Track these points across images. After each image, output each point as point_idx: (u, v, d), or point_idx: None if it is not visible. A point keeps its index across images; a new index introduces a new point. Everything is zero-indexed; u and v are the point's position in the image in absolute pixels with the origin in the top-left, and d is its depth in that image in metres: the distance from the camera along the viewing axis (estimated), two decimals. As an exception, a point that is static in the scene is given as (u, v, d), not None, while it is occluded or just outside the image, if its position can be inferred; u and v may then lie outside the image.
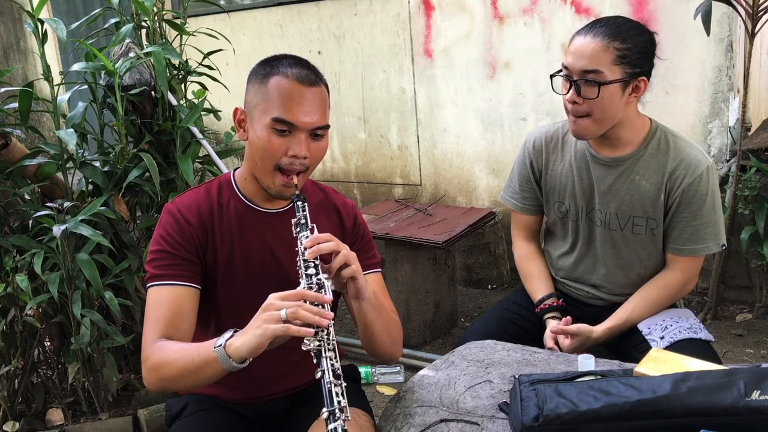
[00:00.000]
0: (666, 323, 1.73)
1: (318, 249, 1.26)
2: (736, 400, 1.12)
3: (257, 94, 1.36)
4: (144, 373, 1.34)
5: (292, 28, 4.32)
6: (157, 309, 1.35)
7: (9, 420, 2.46)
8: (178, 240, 1.39)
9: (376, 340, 1.44)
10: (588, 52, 1.60)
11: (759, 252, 2.98)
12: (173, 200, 1.46)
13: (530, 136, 1.91)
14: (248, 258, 1.44)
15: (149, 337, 1.33)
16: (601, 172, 1.76)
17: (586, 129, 1.67)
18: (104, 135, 2.58)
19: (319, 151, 1.38)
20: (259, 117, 1.35)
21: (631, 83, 1.63)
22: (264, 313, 1.18)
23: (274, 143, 1.33)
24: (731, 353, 2.86)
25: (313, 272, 1.26)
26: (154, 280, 1.38)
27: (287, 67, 1.35)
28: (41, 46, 2.30)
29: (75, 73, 2.52)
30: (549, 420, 1.16)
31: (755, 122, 3.24)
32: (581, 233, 1.84)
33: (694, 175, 1.68)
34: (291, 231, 1.39)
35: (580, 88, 1.62)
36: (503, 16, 3.52)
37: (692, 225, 1.71)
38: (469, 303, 3.63)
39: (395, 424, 1.35)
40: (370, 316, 1.39)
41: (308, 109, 1.33)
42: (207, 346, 1.22)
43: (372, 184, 4.24)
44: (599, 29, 1.62)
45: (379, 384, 2.82)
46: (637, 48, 1.61)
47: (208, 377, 1.24)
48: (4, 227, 2.42)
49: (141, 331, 2.47)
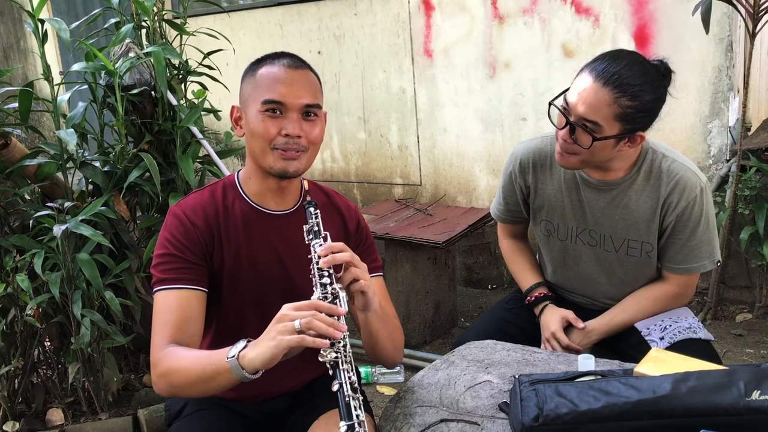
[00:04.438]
0: (665, 323, 1.73)
1: (333, 259, 1.26)
2: (736, 400, 1.12)
3: (248, 86, 1.40)
4: (154, 378, 1.32)
5: (292, 28, 4.32)
6: (165, 313, 1.34)
7: (9, 420, 2.46)
8: (184, 243, 1.38)
9: (380, 347, 1.44)
10: (592, 102, 1.53)
11: (759, 252, 2.98)
12: (177, 203, 1.46)
13: (517, 153, 1.84)
14: (254, 260, 1.44)
15: (158, 342, 1.32)
16: (593, 194, 1.73)
17: (572, 164, 1.65)
18: (104, 135, 2.58)
19: (313, 133, 1.38)
20: (251, 106, 1.37)
21: (628, 137, 1.58)
22: (278, 324, 1.16)
23: (267, 124, 1.35)
24: (731, 353, 2.86)
25: (328, 282, 1.25)
26: (161, 284, 1.36)
27: (275, 58, 1.40)
28: (41, 46, 2.30)
29: (75, 73, 2.52)
30: (549, 420, 1.16)
31: (755, 122, 3.24)
32: (569, 253, 1.82)
33: (688, 199, 1.63)
34: (296, 233, 1.39)
35: (575, 131, 1.57)
36: (503, 16, 3.52)
37: (687, 246, 1.68)
38: (469, 303, 3.63)
39: (395, 424, 1.35)
40: (375, 326, 1.39)
41: (296, 89, 1.35)
42: (219, 356, 1.21)
43: (372, 184, 4.24)
44: (611, 78, 1.51)
45: (379, 384, 2.82)
46: (645, 108, 1.54)
47: (220, 386, 1.23)
48: (4, 227, 2.42)
49: (141, 331, 2.51)
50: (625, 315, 1.77)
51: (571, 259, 1.83)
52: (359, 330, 1.43)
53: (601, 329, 1.78)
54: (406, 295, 3.09)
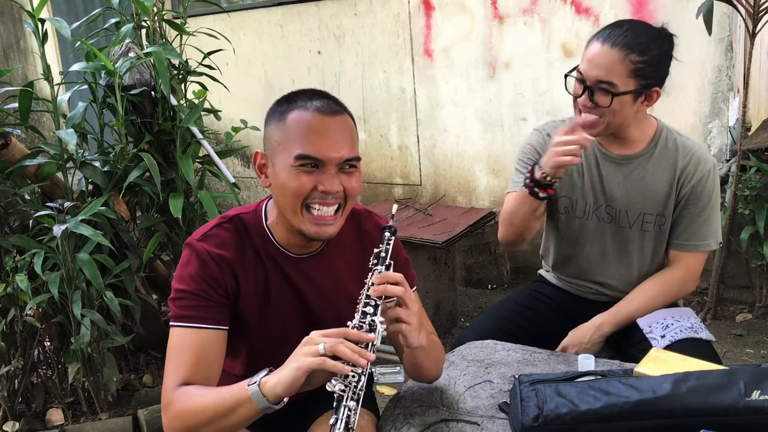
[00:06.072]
0: (667, 321, 1.74)
1: (384, 289, 1.18)
2: (736, 400, 1.13)
3: (276, 132, 1.26)
4: (166, 421, 1.23)
5: (292, 28, 4.32)
6: (181, 353, 1.26)
7: (9, 420, 2.46)
8: (206, 281, 1.28)
9: (424, 373, 1.41)
10: (604, 63, 1.61)
11: (759, 252, 2.98)
12: (200, 237, 1.33)
13: (536, 131, 1.90)
14: (282, 306, 1.37)
15: (171, 382, 1.24)
16: (611, 169, 1.79)
17: (596, 131, 1.70)
18: (104, 135, 2.58)
19: (353, 188, 1.26)
20: (281, 157, 1.24)
21: (644, 93, 1.66)
22: (303, 347, 1.12)
23: (301, 180, 1.22)
24: (731, 353, 2.86)
25: (371, 311, 1.18)
26: (179, 320, 1.27)
27: (306, 100, 1.26)
28: (41, 46, 2.30)
29: (75, 73, 2.52)
30: (549, 420, 1.16)
31: (755, 122, 3.24)
32: (588, 229, 1.85)
33: (703, 171, 1.73)
34: (318, 273, 1.36)
35: (594, 94, 1.64)
36: (503, 16, 3.52)
37: (697, 221, 1.75)
38: (469, 303, 3.63)
39: (395, 424, 1.35)
40: (420, 359, 1.34)
41: (335, 141, 1.22)
42: (239, 387, 1.14)
43: (372, 184, 4.24)
44: (618, 39, 1.61)
45: (379, 384, 2.82)
46: (653, 61, 1.62)
47: (240, 421, 1.15)
48: (4, 227, 2.42)
49: (141, 331, 2.51)
50: (631, 306, 1.79)
51: (584, 238, 1.86)
52: (398, 353, 1.38)
53: (610, 320, 1.79)
54: (406, 295, 3.09)
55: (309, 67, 4.32)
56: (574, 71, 1.70)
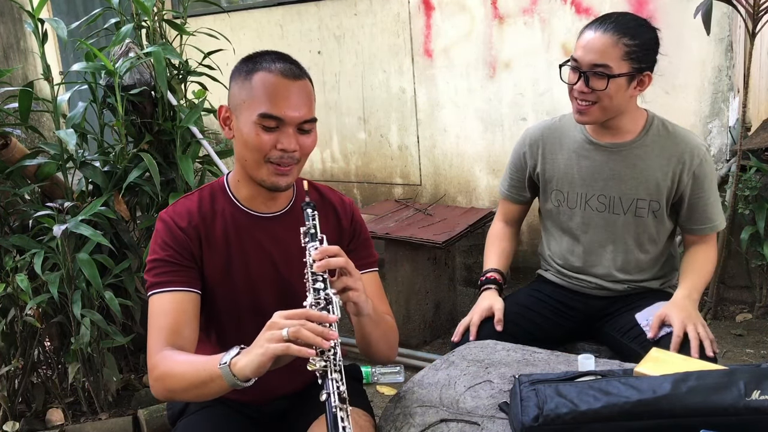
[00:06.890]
0: None
1: (327, 263, 1.25)
2: (736, 400, 1.13)
3: (241, 90, 1.36)
4: (151, 382, 1.33)
5: (292, 28, 4.32)
6: (160, 317, 1.35)
7: (9, 420, 2.46)
8: (173, 247, 1.38)
9: (373, 348, 1.45)
10: (598, 47, 1.68)
11: (759, 252, 2.99)
12: (166, 209, 1.45)
13: (528, 131, 1.99)
14: (246, 264, 1.44)
15: (154, 346, 1.33)
16: (603, 157, 1.83)
17: (594, 117, 1.76)
18: (104, 135, 2.58)
19: (307, 146, 1.38)
20: (245, 113, 1.34)
21: (637, 77, 1.72)
22: (267, 332, 1.16)
23: (262, 138, 1.33)
24: (731, 353, 2.86)
25: (321, 287, 1.24)
26: (154, 288, 1.37)
27: (271, 62, 1.35)
28: (41, 46, 2.30)
29: (75, 73, 2.52)
30: (549, 420, 1.16)
31: (755, 122, 3.24)
32: (582, 220, 1.88)
33: (700, 156, 1.78)
34: (288, 233, 1.40)
35: (589, 79, 1.70)
36: (503, 16, 3.52)
37: (708, 203, 1.82)
38: (469, 303, 3.63)
39: (395, 424, 1.35)
40: (368, 329, 1.40)
41: (295, 103, 1.33)
42: (212, 363, 1.20)
43: (372, 184, 4.24)
44: (609, 25, 1.69)
45: (379, 384, 2.82)
46: (644, 45, 1.70)
47: (214, 392, 1.23)
48: (4, 227, 2.42)
49: (141, 331, 2.51)
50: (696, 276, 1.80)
51: (580, 228, 1.89)
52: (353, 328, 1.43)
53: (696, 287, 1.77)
54: (406, 295, 3.09)
55: (309, 67, 4.30)
56: (569, 61, 1.76)
